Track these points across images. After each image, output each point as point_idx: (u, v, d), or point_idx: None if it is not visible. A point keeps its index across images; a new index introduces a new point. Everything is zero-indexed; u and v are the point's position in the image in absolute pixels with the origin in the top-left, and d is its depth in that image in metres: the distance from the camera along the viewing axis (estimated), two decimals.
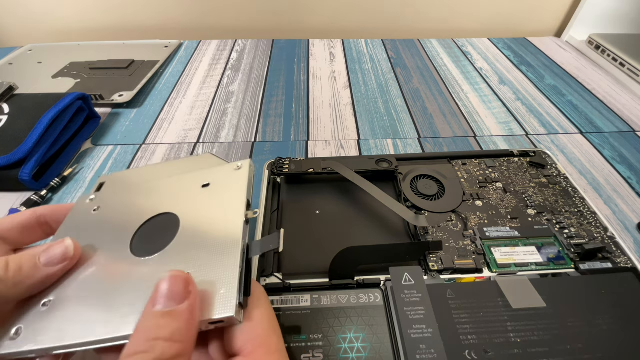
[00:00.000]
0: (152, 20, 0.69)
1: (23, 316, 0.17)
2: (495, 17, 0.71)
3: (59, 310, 0.17)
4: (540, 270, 0.27)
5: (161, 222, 0.21)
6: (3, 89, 0.41)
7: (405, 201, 0.32)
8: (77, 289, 0.18)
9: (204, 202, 0.22)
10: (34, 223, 0.20)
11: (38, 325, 0.17)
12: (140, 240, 0.20)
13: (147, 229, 0.21)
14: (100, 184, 0.25)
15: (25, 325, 0.17)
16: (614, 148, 0.42)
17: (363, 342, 0.22)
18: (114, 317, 0.17)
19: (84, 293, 0.18)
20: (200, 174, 0.23)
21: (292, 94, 0.51)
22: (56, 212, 0.21)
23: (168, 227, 0.20)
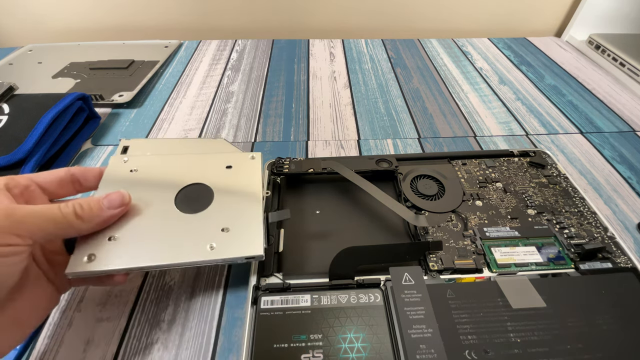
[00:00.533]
0: (152, 20, 0.69)
1: (93, 247, 0.22)
2: (495, 17, 0.71)
3: (123, 244, 0.22)
4: (540, 270, 0.27)
5: (197, 190, 0.27)
6: (3, 89, 0.41)
7: (405, 201, 0.32)
8: (136, 231, 0.23)
9: (229, 179, 0.28)
10: (69, 179, 0.24)
11: (107, 253, 0.22)
12: (182, 202, 0.26)
13: (186, 193, 0.26)
14: (125, 147, 0.29)
15: (97, 253, 0.22)
16: (614, 148, 0.42)
17: (363, 342, 0.22)
18: (175, 251, 0.22)
19: (143, 233, 0.23)
20: (223, 156, 0.29)
21: (292, 94, 0.51)
22: (86, 172, 0.25)
23: (204, 194, 0.26)
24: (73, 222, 0.20)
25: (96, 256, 0.21)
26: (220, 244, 0.23)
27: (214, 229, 0.24)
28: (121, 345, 0.25)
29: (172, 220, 0.24)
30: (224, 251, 0.23)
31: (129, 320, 0.26)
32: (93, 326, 0.25)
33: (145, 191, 0.26)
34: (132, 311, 0.26)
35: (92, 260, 0.21)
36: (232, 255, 0.23)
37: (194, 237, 0.23)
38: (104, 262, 0.21)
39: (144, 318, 0.26)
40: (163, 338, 0.25)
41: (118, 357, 0.24)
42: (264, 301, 0.24)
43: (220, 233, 0.24)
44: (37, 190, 0.22)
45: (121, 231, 0.23)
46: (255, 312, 0.24)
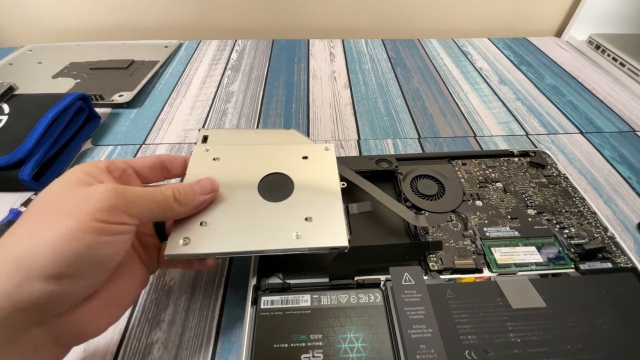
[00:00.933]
0: (152, 20, 0.69)
1: (187, 231, 0.23)
2: (495, 17, 0.71)
3: (215, 229, 0.23)
4: (540, 270, 0.27)
5: (278, 179, 0.27)
6: (3, 89, 0.41)
7: (405, 201, 0.32)
8: (225, 217, 0.24)
9: (307, 170, 0.28)
10: (159, 166, 0.25)
11: (201, 237, 0.22)
12: (264, 190, 0.26)
13: (267, 182, 0.26)
14: (205, 136, 0.30)
15: (191, 237, 0.22)
16: (614, 148, 0.42)
17: (363, 342, 0.22)
18: (262, 238, 0.23)
19: (232, 219, 0.24)
20: (299, 147, 0.30)
21: (292, 94, 0.51)
22: (174, 160, 0.26)
23: (285, 184, 0.26)
24: (173, 205, 0.21)
25: (190, 240, 0.22)
26: (306, 233, 0.23)
27: (298, 218, 0.24)
28: (121, 345, 0.25)
29: (258, 207, 0.25)
30: (310, 240, 0.23)
31: (129, 320, 0.26)
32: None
33: (230, 179, 0.26)
34: (132, 311, 0.26)
35: (187, 244, 0.22)
36: (318, 245, 0.23)
37: (279, 225, 0.24)
38: (198, 246, 0.22)
39: (144, 318, 0.26)
40: (163, 338, 0.25)
41: (118, 357, 0.24)
42: (264, 301, 0.24)
43: (304, 222, 0.24)
44: (133, 175, 0.23)
45: (211, 217, 0.23)
46: (255, 312, 0.24)
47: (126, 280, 0.21)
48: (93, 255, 0.17)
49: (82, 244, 0.17)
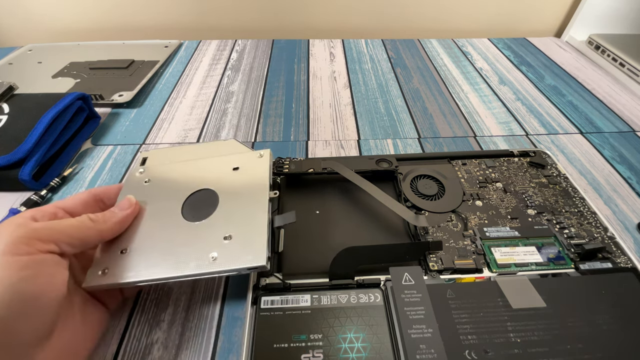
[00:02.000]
0: (152, 20, 0.69)
1: (107, 260, 0.23)
2: (495, 17, 0.71)
3: (133, 257, 0.23)
4: (540, 270, 0.27)
5: (203, 196, 0.26)
6: (3, 89, 0.41)
7: (405, 201, 0.32)
8: (145, 243, 0.24)
9: (235, 182, 0.27)
10: (92, 199, 0.25)
11: (121, 266, 0.22)
12: (189, 209, 0.26)
13: (192, 200, 0.26)
14: (144, 158, 0.30)
15: (110, 266, 0.22)
16: (614, 148, 0.42)
17: (363, 342, 0.22)
18: (178, 263, 0.23)
19: (150, 245, 0.24)
20: (230, 158, 0.29)
21: (292, 94, 0.51)
22: (108, 191, 0.26)
23: (209, 200, 0.26)
24: (88, 224, 0.21)
25: (109, 269, 0.22)
26: (222, 255, 0.23)
27: (216, 238, 0.24)
28: (121, 345, 0.25)
29: (178, 230, 0.24)
30: (225, 263, 0.22)
31: (129, 320, 0.26)
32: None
33: (156, 201, 0.26)
34: (132, 311, 0.26)
35: (105, 274, 0.22)
36: (233, 267, 0.22)
37: (196, 248, 0.23)
38: (115, 276, 0.22)
39: (144, 318, 0.26)
40: (163, 338, 0.25)
41: (118, 357, 0.24)
42: (264, 301, 0.24)
43: (223, 242, 0.23)
44: (65, 216, 0.23)
45: (132, 244, 0.24)
46: (255, 312, 0.24)
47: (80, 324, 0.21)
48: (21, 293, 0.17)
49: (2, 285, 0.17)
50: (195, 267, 0.22)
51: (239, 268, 0.22)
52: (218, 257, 0.23)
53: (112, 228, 0.23)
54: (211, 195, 0.26)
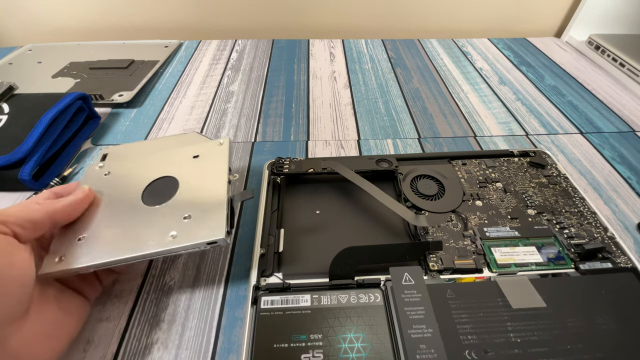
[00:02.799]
0: (152, 20, 0.69)
1: (63, 248, 0.23)
2: (495, 17, 0.71)
3: (92, 242, 0.23)
4: (540, 270, 0.27)
5: (164, 183, 0.27)
6: (3, 88, 0.41)
7: (405, 201, 0.32)
8: (103, 228, 0.24)
9: (195, 168, 0.28)
10: (53, 196, 0.25)
11: (77, 252, 0.23)
12: (149, 195, 0.26)
13: (153, 187, 0.27)
14: (104, 155, 0.30)
15: (66, 253, 0.23)
16: (614, 148, 0.42)
17: (363, 342, 0.22)
18: (136, 244, 0.23)
19: (109, 230, 0.24)
20: (191, 148, 0.30)
21: (292, 94, 0.51)
22: (67, 188, 0.26)
23: (170, 186, 0.27)
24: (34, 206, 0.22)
25: (65, 256, 0.23)
26: (182, 232, 0.23)
27: (176, 219, 0.24)
28: (121, 345, 0.25)
29: (138, 214, 0.25)
30: (185, 238, 0.23)
31: (129, 320, 0.26)
32: (93, 326, 0.25)
33: (115, 191, 0.27)
34: (132, 311, 0.26)
35: (61, 261, 0.22)
36: (192, 242, 0.23)
37: (156, 229, 0.24)
38: (72, 261, 0.22)
39: (144, 318, 0.26)
40: (163, 338, 0.25)
41: (118, 357, 0.24)
42: (264, 301, 0.24)
43: (183, 221, 0.24)
44: None
45: (90, 231, 0.24)
46: (255, 312, 0.24)
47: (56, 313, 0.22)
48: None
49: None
50: (154, 246, 0.23)
51: (198, 243, 0.23)
52: (177, 235, 0.23)
53: (61, 210, 0.23)
54: (171, 182, 0.27)
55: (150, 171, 0.28)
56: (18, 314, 0.19)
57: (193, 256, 0.30)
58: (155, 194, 0.26)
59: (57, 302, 0.22)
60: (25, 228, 0.21)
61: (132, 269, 0.29)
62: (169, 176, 0.27)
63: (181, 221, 0.24)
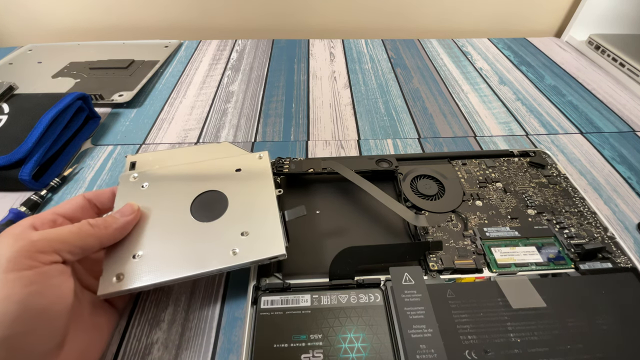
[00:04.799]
0: (152, 20, 0.69)
1: (119, 266, 0.23)
2: (495, 17, 0.71)
3: (149, 260, 0.23)
4: (540, 270, 0.27)
5: (211, 197, 0.27)
6: (3, 88, 0.41)
7: (405, 201, 0.32)
8: (159, 245, 0.24)
9: (241, 182, 0.28)
10: (87, 204, 0.25)
11: (136, 271, 0.22)
12: (198, 210, 0.26)
13: (200, 202, 0.26)
14: (132, 163, 0.29)
15: (125, 272, 0.22)
16: (614, 148, 0.42)
17: (363, 342, 0.22)
18: (198, 261, 0.23)
19: (166, 247, 0.24)
20: (231, 160, 0.29)
21: (292, 94, 0.51)
22: (100, 195, 0.26)
23: (218, 201, 0.26)
24: (88, 230, 0.21)
25: (124, 275, 0.22)
26: (243, 248, 0.23)
27: (233, 235, 0.24)
28: (121, 345, 0.25)
29: (192, 230, 0.25)
30: (247, 255, 0.23)
31: (129, 320, 0.26)
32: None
33: (160, 205, 0.26)
34: (132, 311, 0.26)
35: (121, 280, 0.22)
36: (255, 258, 0.23)
37: (215, 245, 0.24)
38: (132, 280, 0.22)
39: (144, 318, 0.26)
40: (163, 338, 0.25)
41: (118, 357, 0.24)
42: (264, 301, 0.24)
43: (241, 237, 0.24)
44: (65, 222, 0.23)
45: (145, 248, 0.23)
46: (255, 312, 0.24)
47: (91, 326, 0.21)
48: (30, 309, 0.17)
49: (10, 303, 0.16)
50: (218, 263, 0.23)
51: (262, 259, 0.23)
52: (239, 252, 0.23)
53: (113, 234, 0.23)
54: (219, 196, 0.27)
55: (193, 184, 0.27)
56: (59, 343, 0.19)
57: None
58: (205, 209, 0.26)
59: (91, 319, 0.22)
60: (75, 254, 0.20)
61: None
62: (216, 190, 0.27)
63: (239, 237, 0.24)
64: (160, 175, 0.28)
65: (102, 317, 0.23)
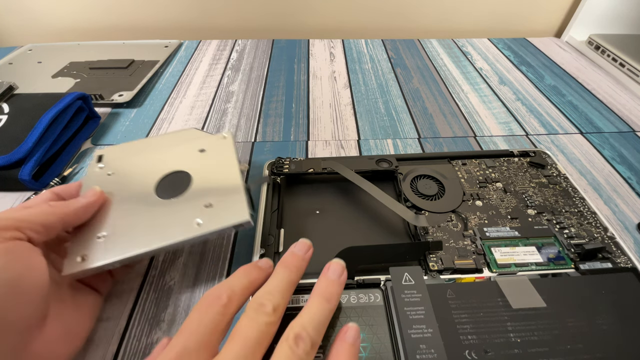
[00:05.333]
0: (152, 20, 0.69)
1: (83, 248, 0.23)
2: (495, 17, 0.71)
3: (114, 238, 0.23)
4: (540, 270, 0.27)
5: (175, 177, 0.27)
6: (3, 88, 0.41)
7: (405, 201, 0.32)
8: (124, 224, 0.24)
9: (204, 161, 0.28)
10: (56, 198, 0.25)
11: (100, 250, 0.23)
12: (162, 190, 0.26)
13: (165, 182, 0.27)
14: (100, 156, 0.29)
15: (88, 252, 0.23)
16: (614, 148, 0.42)
17: (363, 342, 0.22)
18: (163, 234, 0.23)
19: (130, 226, 0.24)
20: (195, 142, 0.30)
21: (292, 94, 0.51)
22: (68, 189, 0.26)
23: (183, 179, 0.27)
24: (47, 209, 0.22)
25: (88, 255, 0.23)
26: (207, 219, 0.24)
27: (198, 207, 0.25)
28: (121, 345, 0.25)
29: (157, 208, 0.25)
30: (211, 224, 0.24)
31: (129, 320, 0.26)
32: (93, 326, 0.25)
33: (125, 189, 0.27)
34: (132, 311, 0.26)
35: (84, 260, 0.22)
36: (219, 226, 0.23)
37: (180, 218, 0.24)
38: (96, 259, 0.22)
39: (144, 318, 0.26)
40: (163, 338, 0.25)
41: (118, 357, 0.24)
42: None
43: (205, 209, 0.25)
44: None
45: (109, 229, 0.24)
46: None
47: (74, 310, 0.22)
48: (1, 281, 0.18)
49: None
50: (182, 234, 0.23)
51: (226, 226, 0.23)
52: (203, 222, 0.24)
53: (74, 212, 0.23)
54: (183, 175, 0.27)
55: (158, 167, 0.28)
56: (38, 318, 0.20)
57: (193, 256, 0.30)
58: (169, 188, 0.26)
59: (73, 301, 0.22)
60: (39, 232, 0.21)
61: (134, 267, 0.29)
62: (180, 170, 0.28)
63: (203, 209, 0.24)
64: (126, 163, 0.29)
65: (84, 300, 0.23)
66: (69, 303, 0.22)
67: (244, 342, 0.17)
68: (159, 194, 0.26)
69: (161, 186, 0.27)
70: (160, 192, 0.26)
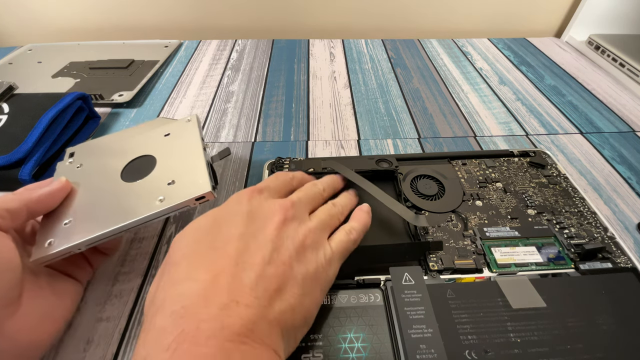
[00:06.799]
0: (152, 20, 0.69)
1: (51, 233, 0.23)
2: (495, 17, 0.71)
3: (79, 222, 0.24)
4: (540, 270, 0.27)
5: (141, 161, 0.28)
6: (3, 88, 0.41)
7: (405, 201, 0.32)
8: (89, 209, 0.25)
9: (169, 144, 0.29)
10: None
11: (65, 234, 0.23)
12: (128, 174, 0.27)
13: (131, 167, 0.28)
14: (71, 153, 0.30)
15: (55, 238, 0.23)
16: (614, 148, 0.42)
17: (363, 342, 0.22)
18: (126, 213, 0.24)
19: (95, 209, 0.25)
20: (161, 128, 0.31)
21: (292, 94, 0.51)
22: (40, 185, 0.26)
23: (148, 162, 0.28)
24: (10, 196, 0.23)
25: (55, 240, 0.23)
26: (169, 195, 0.24)
27: (161, 185, 0.25)
28: (121, 345, 0.25)
29: (122, 190, 0.26)
30: (173, 199, 0.24)
31: (129, 320, 0.26)
32: (93, 326, 0.25)
33: (92, 178, 0.27)
34: (132, 311, 0.26)
35: (52, 245, 0.23)
36: (181, 200, 0.24)
37: (143, 197, 0.25)
38: (62, 242, 0.23)
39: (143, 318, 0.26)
40: None
41: (118, 357, 0.24)
42: None
43: (168, 187, 0.25)
44: None
45: (74, 215, 0.24)
46: None
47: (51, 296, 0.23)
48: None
49: None
50: (145, 211, 0.24)
51: (187, 200, 0.24)
52: (165, 198, 0.24)
53: (37, 199, 0.23)
54: (149, 159, 0.28)
55: (124, 155, 0.29)
56: (10, 299, 0.20)
57: None
58: (135, 172, 0.27)
59: (51, 287, 0.23)
60: (4, 217, 0.22)
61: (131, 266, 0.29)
62: (145, 155, 0.28)
63: (166, 187, 0.25)
64: (94, 155, 0.30)
65: (62, 287, 0.24)
66: (46, 290, 0.23)
67: None
68: (124, 178, 0.27)
69: (126, 171, 0.27)
70: (126, 176, 0.27)
